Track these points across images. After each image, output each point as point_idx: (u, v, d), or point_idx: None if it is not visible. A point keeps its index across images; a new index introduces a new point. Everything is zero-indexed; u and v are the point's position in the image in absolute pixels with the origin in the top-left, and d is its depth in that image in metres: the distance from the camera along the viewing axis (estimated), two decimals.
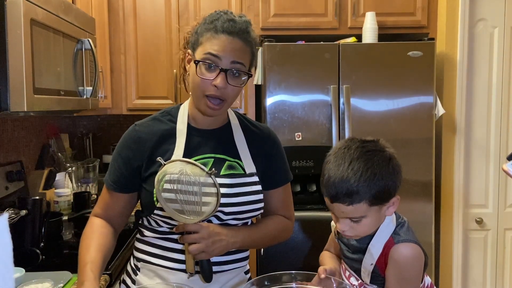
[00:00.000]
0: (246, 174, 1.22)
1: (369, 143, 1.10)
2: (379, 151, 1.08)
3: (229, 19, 1.14)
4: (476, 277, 2.83)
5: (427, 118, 2.57)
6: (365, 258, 1.13)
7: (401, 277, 1.08)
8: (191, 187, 1.07)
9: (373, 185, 1.03)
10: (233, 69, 1.12)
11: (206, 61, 1.12)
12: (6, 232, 0.49)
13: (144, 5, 2.78)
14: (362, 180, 1.02)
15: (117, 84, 2.79)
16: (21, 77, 1.37)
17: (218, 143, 1.24)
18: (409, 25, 2.75)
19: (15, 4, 1.35)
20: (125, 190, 1.24)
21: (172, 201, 1.10)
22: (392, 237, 1.10)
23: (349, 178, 1.02)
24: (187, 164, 1.08)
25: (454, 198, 2.75)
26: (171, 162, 1.10)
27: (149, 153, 1.20)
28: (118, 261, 1.67)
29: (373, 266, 1.12)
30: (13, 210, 1.68)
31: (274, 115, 2.52)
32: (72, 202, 2.21)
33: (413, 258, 1.08)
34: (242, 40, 1.13)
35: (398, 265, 1.07)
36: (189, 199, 1.08)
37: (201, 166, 1.08)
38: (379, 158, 1.06)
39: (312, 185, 2.66)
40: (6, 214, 1.48)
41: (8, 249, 0.49)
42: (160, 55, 2.80)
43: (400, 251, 1.07)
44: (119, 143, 1.25)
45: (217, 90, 1.12)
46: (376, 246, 1.11)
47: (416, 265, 1.09)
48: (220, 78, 1.11)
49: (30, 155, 2.33)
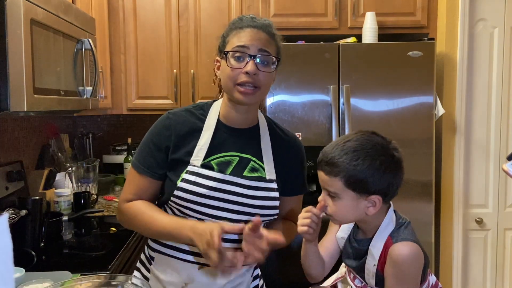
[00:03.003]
0: (266, 179, 1.24)
1: (379, 137, 1.14)
2: (382, 147, 1.11)
3: (252, 17, 1.20)
4: (476, 277, 2.83)
5: (427, 118, 2.57)
6: (367, 260, 1.15)
7: (399, 276, 1.09)
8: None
9: (352, 167, 1.07)
10: (261, 55, 1.16)
11: (235, 50, 1.16)
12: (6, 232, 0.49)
13: (144, 5, 2.78)
14: (345, 157, 1.08)
15: (117, 84, 2.79)
16: (21, 77, 1.38)
17: (245, 143, 1.25)
18: (409, 25, 2.75)
19: (15, 4, 1.35)
20: (155, 176, 1.24)
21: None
22: (391, 236, 1.12)
23: (336, 151, 1.10)
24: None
25: (454, 198, 2.75)
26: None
27: (176, 140, 1.22)
28: (118, 261, 1.67)
29: (375, 267, 1.13)
30: (13, 210, 1.68)
31: (274, 115, 2.52)
32: (72, 202, 2.21)
33: (411, 256, 1.09)
34: (266, 33, 1.18)
35: (397, 264, 1.09)
36: None
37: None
38: (374, 151, 1.09)
39: (312, 185, 2.66)
40: (6, 214, 1.48)
41: (8, 249, 0.49)
42: (160, 55, 2.80)
43: (398, 249, 1.09)
44: (151, 130, 1.27)
45: (249, 77, 1.14)
46: (376, 246, 1.13)
47: (415, 264, 1.11)
48: (251, 64, 1.14)
49: (30, 155, 2.33)
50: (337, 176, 1.09)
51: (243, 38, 1.16)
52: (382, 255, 1.13)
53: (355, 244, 1.22)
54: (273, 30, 1.21)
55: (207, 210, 1.18)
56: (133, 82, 2.82)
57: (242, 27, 1.18)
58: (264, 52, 1.16)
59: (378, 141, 1.12)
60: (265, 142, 1.27)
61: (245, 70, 1.14)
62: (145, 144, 1.26)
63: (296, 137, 1.36)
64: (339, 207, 1.12)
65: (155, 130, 1.26)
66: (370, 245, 1.14)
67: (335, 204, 1.12)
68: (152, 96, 2.83)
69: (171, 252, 1.23)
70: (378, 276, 1.14)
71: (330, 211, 1.14)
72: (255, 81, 1.15)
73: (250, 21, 1.18)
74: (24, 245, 1.71)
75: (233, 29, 1.19)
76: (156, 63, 2.81)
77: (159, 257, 1.26)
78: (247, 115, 1.25)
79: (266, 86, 1.19)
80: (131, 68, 2.80)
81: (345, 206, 1.12)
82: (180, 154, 1.21)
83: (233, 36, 1.18)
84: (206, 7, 2.74)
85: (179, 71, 2.80)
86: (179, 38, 2.78)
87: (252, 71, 1.13)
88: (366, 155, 1.08)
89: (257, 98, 1.20)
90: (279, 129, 1.33)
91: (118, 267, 1.66)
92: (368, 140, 1.11)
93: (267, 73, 1.17)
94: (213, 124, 1.24)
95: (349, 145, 1.10)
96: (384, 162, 1.09)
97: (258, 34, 1.17)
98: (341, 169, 1.08)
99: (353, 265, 1.22)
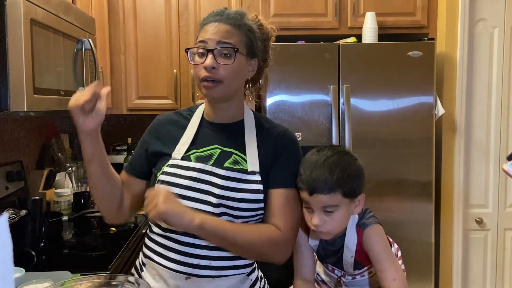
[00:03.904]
0: (248, 171, 1.20)
1: (338, 147, 1.30)
2: (346, 153, 1.25)
3: (218, 12, 1.21)
4: (476, 277, 2.83)
5: (427, 118, 2.57)
6: (345, 253, 1.28)
7: (385, 250, 1.25)
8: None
9: (346, 177, 1.18)
10: (220, 47, 1.15)
11: (196, 47, 1.18)
12: (6, 232, 0.49)
13: (144, 5, 2.78)
14: (337, 172, 1.17)
15: (117, 84, 2.79)
16: (21, 77, 1.38)
17: (228, 137, 1.25)
18: (409, 25, 2.75)
19: (15, 4, 1.35)
20: (133, 172, 1.32)
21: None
22: (359, 227, 1.26)
23: (326, 172, 1.17)
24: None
25: (454, 198, 2.75)
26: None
27: (162, 138, 1.27)
28: (118, 261, 1.67)
29: (353, 258, 1.28)
30: (13, 210, 1.68)
31: (274, 115, 2.52)
32: (72, 202, 2.21)
33: (380, 233, 1.27)
34: (229, 24, 1.18)
35: (376, 245, 1.25)
36: None
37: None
38: (348, 157, 1.23)
39: None
40: (6, 214, 1.48)
41: (8, 249, 0.49)
42: (160, 55, 2.80)
43: (370, 234, 1.25)
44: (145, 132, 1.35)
45: (207, 71, 1.15)
46: (351, 241, 1.26)
47: (384, 236, 1.28)
48: (209, 58, 1.15)
49: (30, 155, 2.34)
50: (336, 191, 1.17)
51: (203, 33, 1.18)
52: (357, 246, 1.26)
53: (329, 246, 1.31)
54: (241, 21, 1.20)
55: (188, 202, 1.15)
56: (133, 82, 2.82)
57: (206, 23, 1.19)
58: (224, 44, 1.16)
59: (341, 150, 1.26)
60: (249, 136, 1.25)
61: (204, 65, 1.15)
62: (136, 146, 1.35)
63: (287, 130, 1.30)
64: (336, 219, 1.20)
65: (146, 131, 1.34)
66: (345, 241, 1.27)
67: (332, 218, 1.20)
68: (152, 96, 2.83)
69: (160, 260, 1.21)
70: (356, 263, 1.29)
71: (328, 228, 1.20)
72: (214, 75, 1.15)
73: (214, 16, 1.19)
74: (24, 245, 1.71)
75: (200, 27, 1.22)
76: (156, 63, 2.81)
77: (150, 264, 1.25)
78: (228, 111, 1.26)
79: (229, 79, 1.17)
80: (131, 68, 2.80)
81: (341, 216, 1.20)
82: (164, 149, 1.25)
83: (198, 34, 1.21)
84: (206, 7, 2.74)
85: (179, 71, 2.80)
86: (179, 38, 2.78)
87: (208, 65, 1.14)
88: (347, 164, 1.20)
89: (222, 91, 1.18)
90: (267, 123, 1.30)
91: (118, 267, 1.66)
92: (337, 152, 1.23)
93: (228, 65, 1.16)
94: (197, 121, 1.28)
95: (331, 160, 1.19)
96: (358, 165, 1.23)
97: (218, 27, 1.17)
98: (337, 183, 1.17)
99: (333, 260, 1.34)
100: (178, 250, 1.19)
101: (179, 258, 1.18)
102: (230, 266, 1.20)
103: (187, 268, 1.17)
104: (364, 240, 1.25)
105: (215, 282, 1.18)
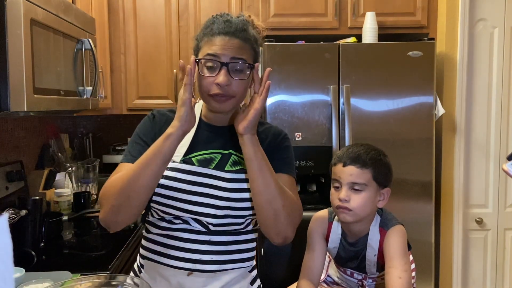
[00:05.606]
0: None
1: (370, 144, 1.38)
2: (378, 148, 1.34)
3: (224, 20, 1.15)
4: (476, 277, 2.83)
5: (427, 118, 2.57)
6: (368, 252, 1.31)
7: (401, 249, 1.27)
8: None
9: (379, 160, 1.29)
10: (233, 63, 1.12)
11: (207, 59, 1.12)
12: (6, 232, 0.49)
13: (144, 5, 2.78)
14: (372, 153, 1.28)
15: (117, 84, 2.79)
16: (21, 77, 1.38)
17: (226, 139, 1.24)
18: (409, 25, 2.75)
19: (15, 4, 1.35)
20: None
21: None
22: (381, 227, 1.31)
23: (362, 150, 1.29)
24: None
25: (454, 198, 2.75)
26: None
27: (156, 135, 1.17)
28: (118, 261, 1.67)
29: (376, 256, 1.30)
30: (13, 210, 1.68)
31: (274, 115, 2.52)
32: (72, 202, 2.21)
33: (402, 233, 1.31)
34: (239, 39, 1.13)
35: (397, 242, 1.27)
36: None
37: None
38: (381, 151, 1.33)
39: (312, 185, 2.66)
40: (6, 214, 1.48)
41: (8, 249, 0.49)
42: (160, 55, 2.80)
43: (392, 232, 1.29)
44: (137, 127, 1.26)
45: (221, 88, 1.11)
46: (374, 239, 1.30)
47: (405, 237, 1.32)
48: (222, 74, 1.11)
49: (30, 155, 2.33)
50: (368, 168, 1.26)
51: (213, 47, 1.12)
52: (379, 246, 1.30)
53: (351, 248, 1.33)
54: (247, 34, 1.15)
55: (189, 206, 1.15)
56: (133, 82, 2.82)
57: (213, 34, 1.13)
58: (237, 59, 1.12)
59: (372, 145, 1.35)
60: None
61: (217, 82, 1.11)
62: (133, 140, 1.23)
63: (275, 126, 1.31)
64: (362, 200, 1.25)
65: (142, 126, 1.25)
66: (369, 239, 1.30)
67: (358, 197, 1.25)
68: (152, 96, 2.83)
69: (160, 259, 1.21)
70: (378, 264, 1.31)
71: (353, 205, 1.25)
72: (227, 92, 1.12)
73: (222, 27, 1.13)
74: (24, 245, 1.71)
75: (205, 35, 1.15)
76: (156, 63, 2.81)
77: (149, 264, 1.24)
78: (228, 115, 1.25)
79: (241, 94, 1.15)
80: (131, 68, 2.80)
81: (368, 199, 1.26)
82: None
83: (204, 44, 1.15)
84: (206, 7, 2.74)
85: (179, 71, 2.80)
86: (179, 38, 2.78)
87: (223, 82, 1.10)
88: (381, 153, 1.30)
89: (233, 105, 1.17)
90: (262, 125, 1.30)
91: (118, 267, 1.66)
92: (372, 146, 1.33)
93: (241, 80, 1.14)
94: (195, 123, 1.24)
95: (367, 146, 1.30)
96: (388, 160, 1.31)
97: (230, 41, 1.12)
98: (370, 162, 1.26)
99: (355, 264, 1.34)
100: (179, 247, 1.19)
101: (180, 254, 1.19)
102: (231, 259, 1.21)
103: (189, 264, 1.18)
104: (388, 240, 1.29)
105: (217, 277, 1.19)
